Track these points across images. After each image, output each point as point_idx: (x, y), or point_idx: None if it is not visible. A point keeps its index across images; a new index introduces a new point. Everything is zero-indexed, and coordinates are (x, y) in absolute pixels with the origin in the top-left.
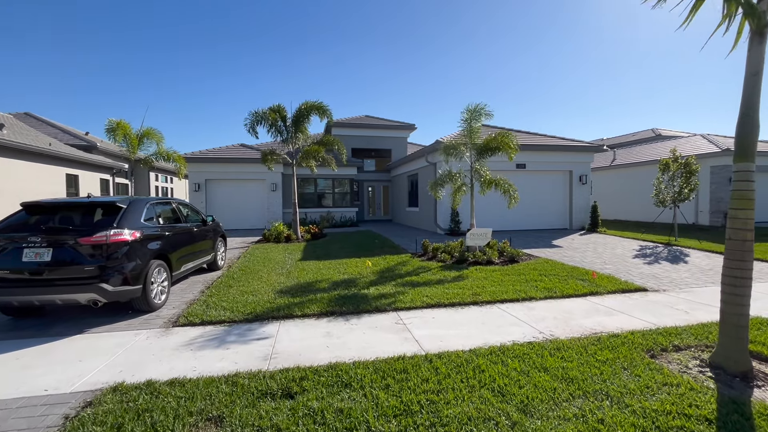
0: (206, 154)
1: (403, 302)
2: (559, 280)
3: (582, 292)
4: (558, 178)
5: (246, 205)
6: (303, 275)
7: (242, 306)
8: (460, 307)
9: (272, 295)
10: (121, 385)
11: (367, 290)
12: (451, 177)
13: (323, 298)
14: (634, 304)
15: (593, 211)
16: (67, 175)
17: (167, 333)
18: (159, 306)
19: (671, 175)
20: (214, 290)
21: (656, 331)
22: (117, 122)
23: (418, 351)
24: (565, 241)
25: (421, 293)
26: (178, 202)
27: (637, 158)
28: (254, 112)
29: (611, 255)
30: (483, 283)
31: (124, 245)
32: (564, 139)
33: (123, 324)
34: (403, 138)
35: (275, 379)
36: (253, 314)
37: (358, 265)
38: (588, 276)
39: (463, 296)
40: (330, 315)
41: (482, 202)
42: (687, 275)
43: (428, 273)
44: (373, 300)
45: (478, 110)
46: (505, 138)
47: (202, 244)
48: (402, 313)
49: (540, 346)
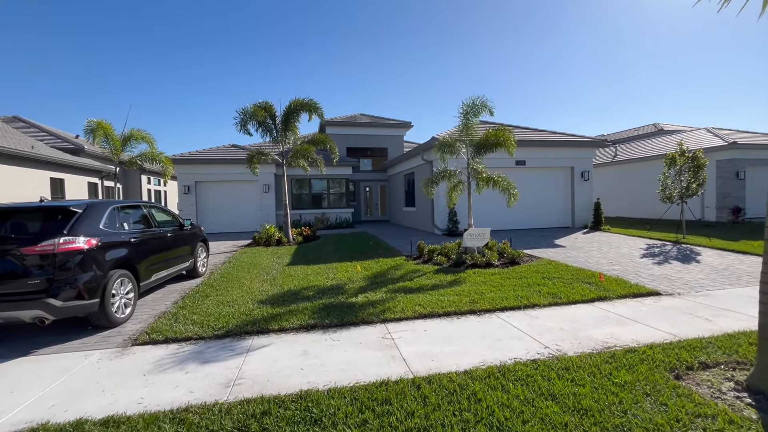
0: (196, 155)
1: (393, 312)
2: (564, 283)
3: (589, 297)
4: (559, 175)
5: (238, 208)
6: (288, 282)
7: (215, 319)
8: (455, 317)
9: (251, 306)
10: (44, 427)
11: (354, 298)
12: (447, 175)
13: (306, 309)
14: (648, 310)
15: (596, 208)
16: (52, 179)
17: (123, 354)
18: (122, 321)
19: (678, 169)
20: (189, 301)
21: (678, 344)
22: (97, 122)
23: (405, 373)
24: (567, 240)
25: (414, 301)
26: (150, 205)
27: (639, 153)
28: (243, 109)
29: (617, 254)
30: (481, 288)
31: (77, 254)
32: (565, 134)
33: (77, 343)
34: (400, 136)
35: (231, 415)
36: (225, 329)
37: (349, 270)
38: (595, 279)
39: (460, 304)
40: (311, 329)
41: (480, 201)
42: (701, 276)
43: (423, 277)
44: (360, 310)
45: (478, 104)
46: (504, 133)
47: (178, 251)
48: (391, 325)
49: (546, 365)
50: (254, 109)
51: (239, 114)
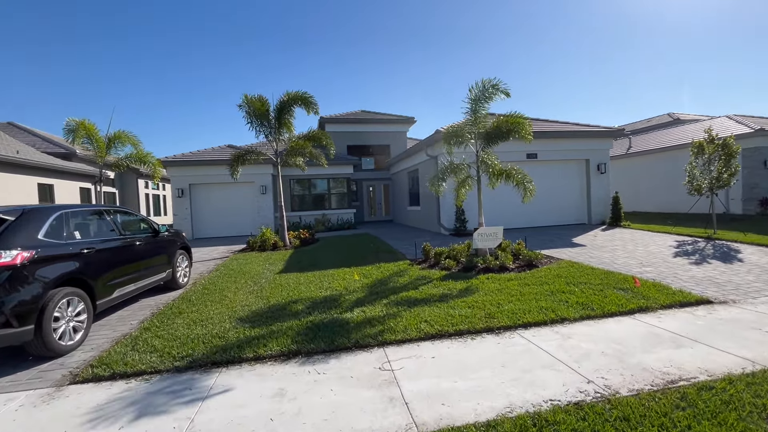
0: (189, 156)
1: (393, 332)
2: (594, 290)
3: (628, 308)
4: (573, 168)
5: (235, 211)
6: (276, 293)
7: (180, 345)
8: (470, 337)
9: (227, 326)
10: None
11: (350, 313)
12: (454, 169)
13: (291, 329)
14: (705, 325)
15: (615, 203)
16: (40, 184)
17: (54, 397)
18: (69, 349)
19: (707, 158)
20: (157, 320)
21: (763, 375)
22: (78, 122)
23: (407, 427)
24: (586, 238)
25: (419, 316)
26: (114, 209)
27: (656, 144)
28: (246, 97)
29: (646, 253)
30: (497, 297)
31: (3, 271)
32: (578, 124)
33: (6, 381)
34: (402, 133)
35: None
36: (189, 358)
37: (346, 278)
38: (629, 284)
39: (474, 319)
40: (293, 357)
41: (488, 197)
42: (751, 278)
43: (429, 285)
44: (354, 329)
45: (489, 86)
46: (518, 119)
47: (151, 261)
48: (391, 350)
49: (596, 412)
50: (249, 101)
51: (244, 104)
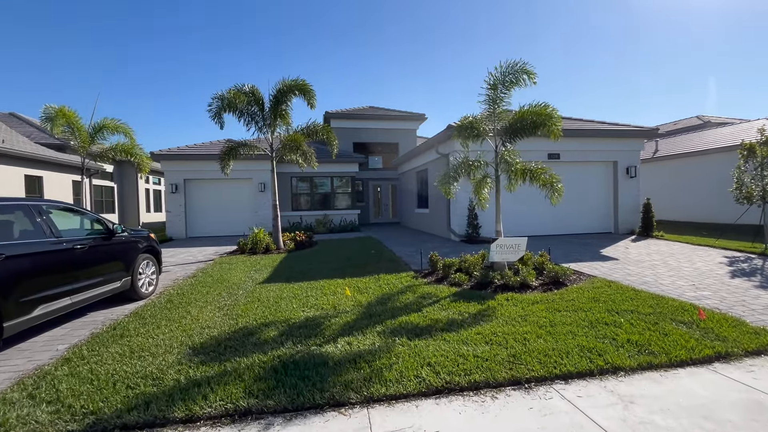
0: (184, 150)
1: (384, 381)
2: (647, 324)
3: (703, 354)
4: (599, 171)
5: (232, 208)
6: (250, 311)
7: (92, 392)
8: (489, 394)
9: (171, 359)
10: None
11: (332, 346)
12: (469, 167)
13: (249, 369)
14: None
15: (646, 210)
16: (27, 176)
17: None
18: None
19: (759, 162)
20: (87, 347)
21: None
22: (57, 109)
23: None
24: (616, 249)
25: (420, 355)
26: (47, 204)
27: (689, 147)
28: (219, 95)
29: (694, 272)
30: (522, 328)
31: None
32: (605, 123)
33: None
34: (412, 130)
35: None
36: (94, 416)
37: (337, 292)
38: (690, 315)
39: (493, 363)
40: (238, 420)
41: (502, 200)
42: None
43: (436, 307)
44: (332, 373)
45: (514, 70)
46: (546, 110)
47: (98, 268)
48: (378, 413)
49: None
50: (233, 95)
51: (215, 100)
